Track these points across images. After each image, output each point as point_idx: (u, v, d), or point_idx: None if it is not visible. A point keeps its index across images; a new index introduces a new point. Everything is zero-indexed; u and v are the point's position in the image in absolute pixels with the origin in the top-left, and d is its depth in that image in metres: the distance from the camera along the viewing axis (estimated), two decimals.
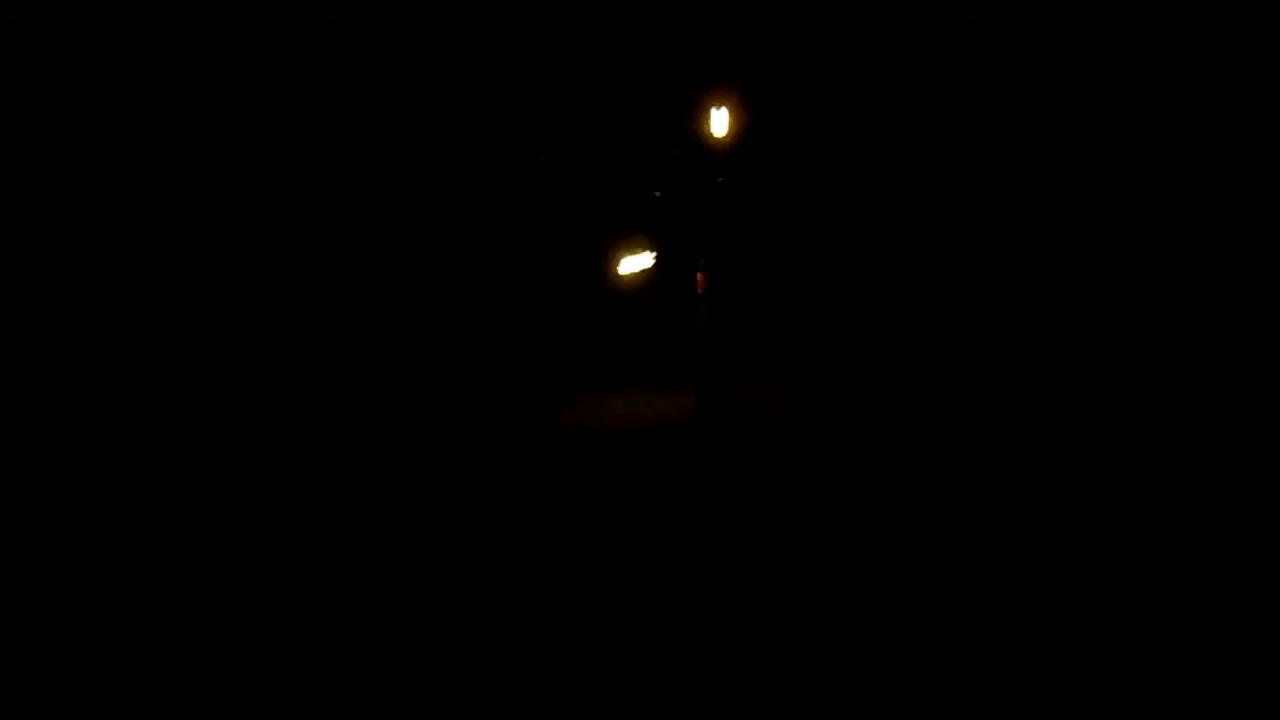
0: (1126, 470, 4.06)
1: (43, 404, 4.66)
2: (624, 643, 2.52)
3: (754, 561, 3.02)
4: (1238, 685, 2.34)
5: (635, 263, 5.31)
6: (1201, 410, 4.52)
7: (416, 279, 5.78)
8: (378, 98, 5.62)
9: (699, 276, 5.09)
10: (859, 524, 3.30)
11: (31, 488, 3.74)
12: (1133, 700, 2.29)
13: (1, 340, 4.98)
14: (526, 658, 2.45)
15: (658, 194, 4.76)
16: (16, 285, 5.21)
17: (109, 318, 5.30)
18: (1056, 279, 5.40)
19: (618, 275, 5.27)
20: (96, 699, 2.27)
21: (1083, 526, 3.46)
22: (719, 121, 4.77)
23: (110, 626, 2.64)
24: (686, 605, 2.74)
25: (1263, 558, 3.13)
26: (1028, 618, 2.71)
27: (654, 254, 5.28)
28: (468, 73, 5.56)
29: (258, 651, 2.47)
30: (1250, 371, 4.75)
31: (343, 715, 2.20)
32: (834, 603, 2.78)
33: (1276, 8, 5.03)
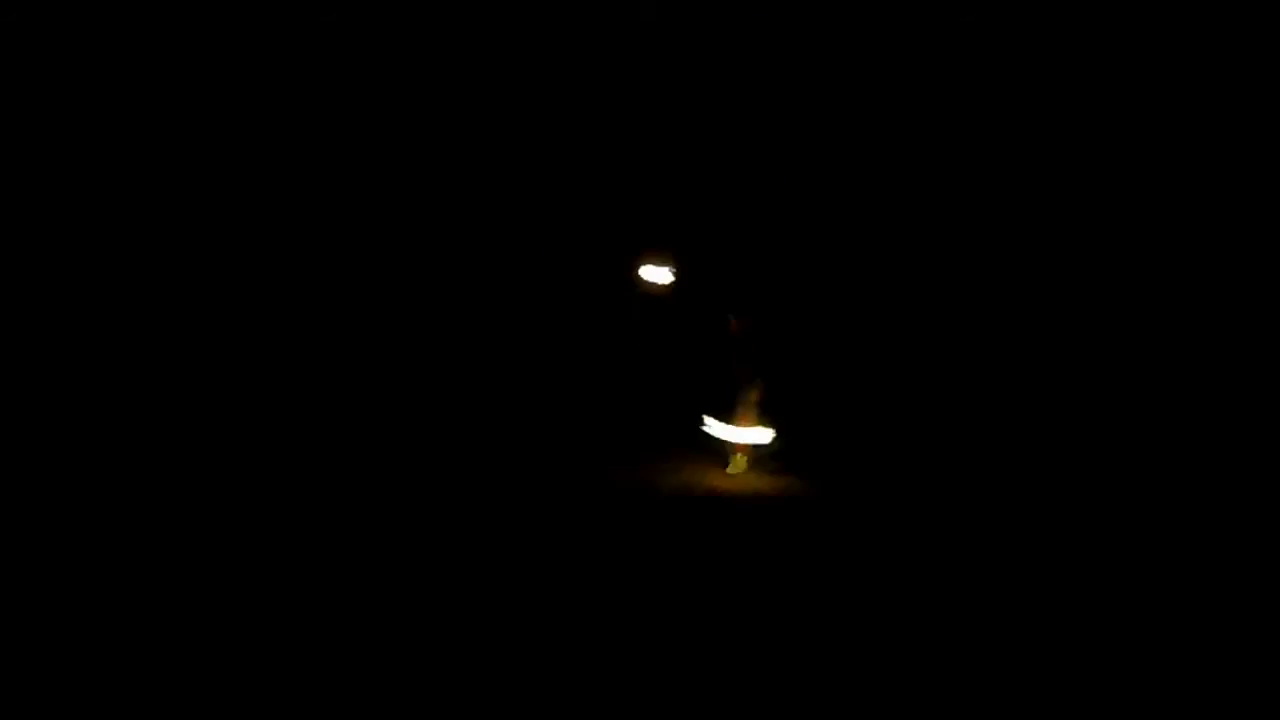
0: (1131, 474, 4.05)
1: (42, 404, 4.65)
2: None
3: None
4: (1238, 685, 2.34)
5: (656, 273, 4.81)
6: (1202, 412, 4.51)
7: (414, 287, 5.75)
8: (378, 98, 5.60)
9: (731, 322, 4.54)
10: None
11: (31, 487, 3.73)
12: (1133, 700, 2.29)
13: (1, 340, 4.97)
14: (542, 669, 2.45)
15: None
16: (16, 285, 5.20)
17: (109, 318, 5.28)
18: (1058, 280, 5.39)
19: (638, 280, 4.76)
20: (96, 699, 2.27)
21: (1089, 531, 3.45)
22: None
23: (110, 626, 2.64)
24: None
25: (1263, 558, 3.13)
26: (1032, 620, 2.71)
27: (673, 271, 4.76)
28: (469, 73, 5.54)
29: (281, 651, 2.47)
30: (1250, 372, 4.75)
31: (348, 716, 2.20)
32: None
33: (1277, 7, 5.02)
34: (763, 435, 4.41)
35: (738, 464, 4.49)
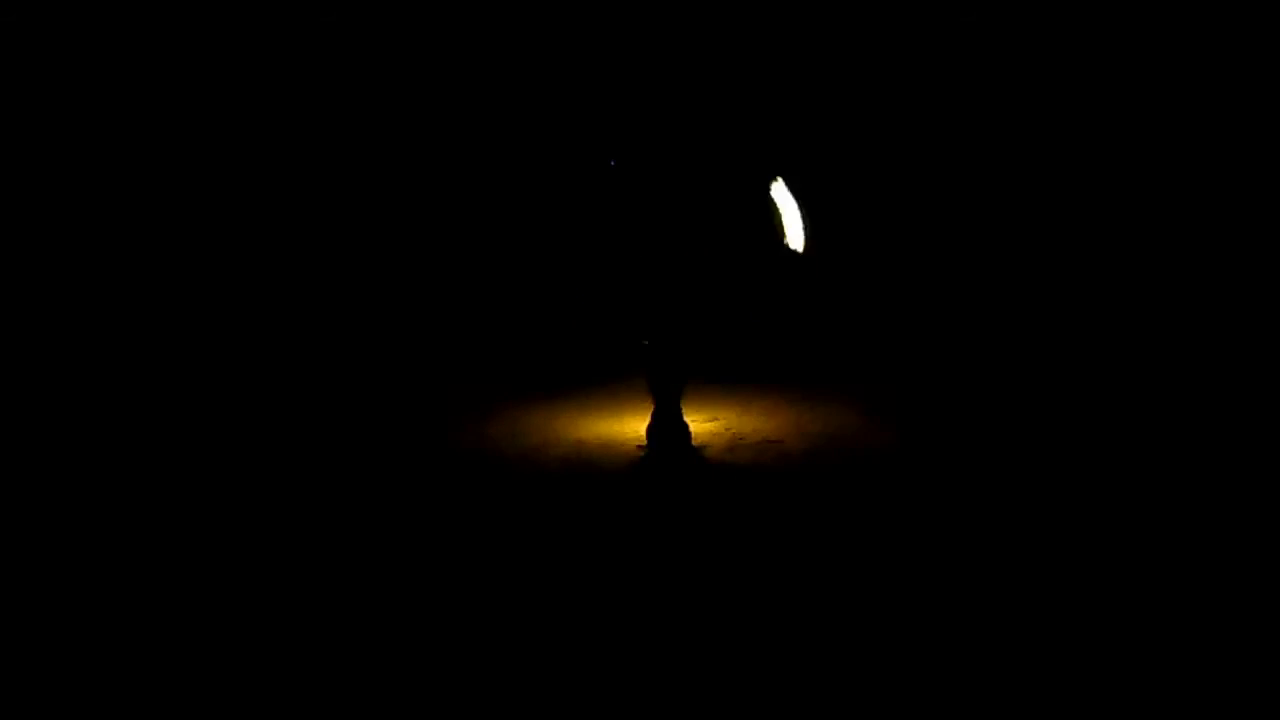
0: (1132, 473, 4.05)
1: (42, 403, 4.68)
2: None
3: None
4: (1238, 685, 2.34)
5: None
6: (1203, 411, 4.52)
7: (422, 279, 5.78)
8: (379, 99, 5.63)
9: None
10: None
11: (30, 487, 3.75)
12: (1134, 700, 2.29)
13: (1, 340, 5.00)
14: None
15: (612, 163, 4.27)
16: (16, 285, 5.23)
17: (108, 318, 5.32)
18: (1058, 280, 5.41)
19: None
20: (96, 699, 2.27)
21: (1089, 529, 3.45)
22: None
23: (110, 626, 2.65)
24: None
25: (1263, 558, 3.13)
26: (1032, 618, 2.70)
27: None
28: (471, 73, 5.56)
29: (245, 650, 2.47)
30: (1250, 371, 4.76)
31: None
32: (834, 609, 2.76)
33: (1277, 7, 5.04)
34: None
35: None
